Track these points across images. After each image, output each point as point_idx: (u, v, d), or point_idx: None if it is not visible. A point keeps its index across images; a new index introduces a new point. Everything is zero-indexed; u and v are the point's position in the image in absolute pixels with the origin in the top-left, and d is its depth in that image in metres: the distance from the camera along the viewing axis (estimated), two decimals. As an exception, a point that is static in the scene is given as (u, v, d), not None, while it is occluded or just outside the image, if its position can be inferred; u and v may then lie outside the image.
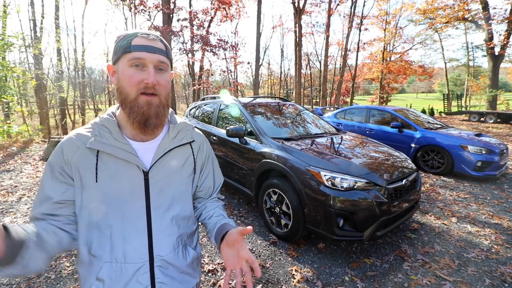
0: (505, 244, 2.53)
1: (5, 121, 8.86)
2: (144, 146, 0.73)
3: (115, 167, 0.69)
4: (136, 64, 0.64)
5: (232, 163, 3.21)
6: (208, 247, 2.46)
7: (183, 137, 0.80)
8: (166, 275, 0.74)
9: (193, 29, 13.05)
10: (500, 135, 9.48)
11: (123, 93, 0.66)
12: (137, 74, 0.64)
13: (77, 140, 0.69)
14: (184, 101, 39.57)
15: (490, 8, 15.01)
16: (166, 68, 0.70)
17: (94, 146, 0.67)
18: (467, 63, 25.15)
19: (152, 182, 0.72)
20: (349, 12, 19.13)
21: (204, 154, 0.88)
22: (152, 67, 0.66)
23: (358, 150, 2.78)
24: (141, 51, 0.64)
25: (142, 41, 0.65)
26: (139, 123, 0.67)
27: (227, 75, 24.44)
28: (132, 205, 0.70)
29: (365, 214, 2.09)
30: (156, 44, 0.67)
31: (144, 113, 0.66)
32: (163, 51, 0.68)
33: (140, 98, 0.66)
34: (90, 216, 0.69)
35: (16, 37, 8.58)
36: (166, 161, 0.75)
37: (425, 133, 4.96)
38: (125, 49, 0.65)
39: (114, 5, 17.07)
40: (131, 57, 0.64)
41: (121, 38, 0.66)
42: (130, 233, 0.70)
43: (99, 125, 0.71)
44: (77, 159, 0.68)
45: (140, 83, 0.65)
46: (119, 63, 0.66)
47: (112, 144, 0.68)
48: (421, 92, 76.52)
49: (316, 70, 32.69)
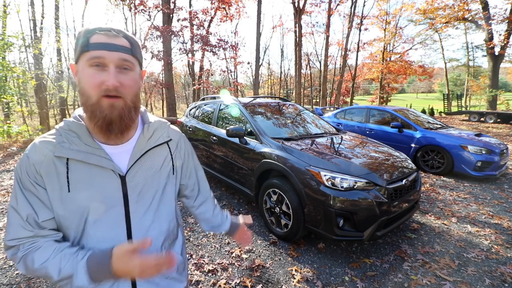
0: (505, 244, 2.53)
1: (5, 121, 8.86)
2: (118, 149, 0.68)
3: (88, 174, 0.64)
4: (96, 64, 0.58)
5: (232, 163, 3.21)
6: (208, 247, 2.46)
7: (159, 136, 0.76)
8: (150, 282, 0.71)
9: (193, 29, 13.07)
10: (500, 135, 9.48)
11: (84, 95, 0.60)
12: (97, 75, 0.58)
13: (43, 148, 0.63)
14: (184, 101, 39.57)
15: (490, 8, 15.02)
16: (132, 66, 0.63)
17: (63, 154, 0.61)
18: (467, 63, 25.15)
19: (130, 186, 0.68)
20: (349, 12, 19.14)
21: (183, 152, 0.84)
22: (113, 67, 0.59)
23: (358, 150, 2.78)
24: (100, 50, 0.58)
25: (102, 38, 0.59)
26: (101, 127, 0.62)
27: (227, 75, 24.47)
28: (111, 212, 0.66)
29: (365, 214, 2.09)
30: (118, 41, 0.61)
31: (106, 117, 0.60)
32: (126, 49, 0.62)
33: (102, 101, 0.59)
34: (65, 229, 0.65)
35: (16, 37, 8.59)
36: (143, 163, 0.71)
37: (425, 133, 4.96)
38: (83, 47, 0.59)
39: (114, 5, 17.06)
40: (89, 56, 0.58)
41: (80, 35, 0.60)
42: (109, 241, 0.65)
43: (65, 130, 0.65)
44: (46, 169, 0.62)
45: (101, 85, 0.58)
46: (79, 63, 0.60)
47: (82, 150, 0.63)
48: (421, 92, 76.51)
49: (316, 70, 32.70)
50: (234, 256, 2.33)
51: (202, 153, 3.86)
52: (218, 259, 2.28)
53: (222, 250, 2.42)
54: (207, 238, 2.61)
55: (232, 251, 2.40)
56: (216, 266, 2.18)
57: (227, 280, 2.00)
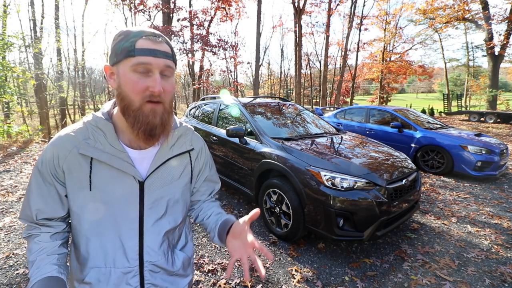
0: (505, 244, 2.53)
1: (5, 121, 8.86)
2: (141, 154, 0.69)
3: (109, 176, 0.65)
4: (142, 70, 0.59)
5: (232, 163, 3.21)
6: (208, 247, 2.46)
7: (182, 144, 0.76)
8: (156, 278, 0.73)
9: (193, 29, 13.05)
10: (500, 135, 9.48)
11: (126, 100, 0.61)
12: (142, 81, 0.59)
13: (68, 143, 0.64)
14: (184, 101, 39.55)
15: (490, 8, 15.02)
16: (172, 72, 0.64)
17: (88, 153, 0.62)
18: (467, 63, 25.16)
19: (147, 192, 0.69)
20: (349, 12, 19.13)
21: (202, 161, 0.84)
22: (158, 73, 0.60)
23: (358, 150, 2.78)
24: (147, 56, 0.58)
25: (148, 44, 0.59)
26: (144, 133, 0.62)
27: (227, 75, 24.46)
28: (126, 214, 0.68)
29: (365, 214, 2.09)
30: (163, 47, 0.61)
31: (149, 122, 0.61)
32: (169, 55, 0.62)
33: (145, 107, 0.60)
34: (80, 224, 0.67)
35: (16, 37, 8.58)
36: (163, 171, 0.71)
37: (425, 133, 4.96)
38: (129, 52, 0.58)
39: (114, 5, 17.04)
40: (135, 61, 0.58)
41: (122, 38, 0.59)
42: (122, 240, 0.68)
43: (92, 125, 0.65)
44: (69, 165, 0.63)
45: (145, 91, 0.59)
46: (120, 66, 0.60)
47: (107, 151, 0.64)
48: (421, 92, 76.52)
49: (316, 70, 32.68)
50: (234, 256, 2.33)
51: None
52: (218, 259, 2.28)
53: (222, 250, 2.42)
54: (207, 238, 2.61)
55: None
56: (216, 266, 2.18)
57: (227, 280, 2.00)
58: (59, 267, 0.65)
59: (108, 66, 0.63)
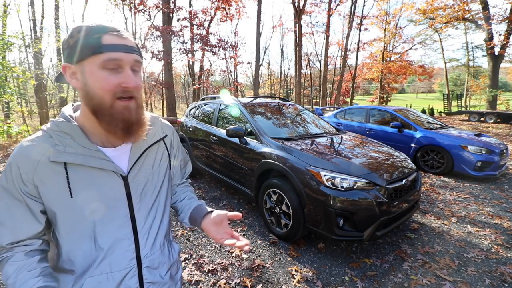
0: (505, 244, 2.53)
1: (5, 121, 8.86)
2: (117, 151, 0.67)
3: (89, 177, 0.62)
4: (111, 66, 0.56)
5: (232, 163, 3.21)
6: (208, 247, 2.46)
7: (154, 132, 0.76)
8: (154, 274, 0.73)
9: (193, 29, 13.05)
10: (500, 135, 9.48)
11: (95, 99, 0.57)
12: (113, 78, 0.57)
13: (34, 153, 0.58)
14: (184, 101, 39.57)
15: (490, 8, 15.02)
16: (140, 67, 0.63)
17: (61, 159, 0.58)
18: (467, 63, 25.15)
19: (132, 186, 0.68)
20: (349, 12, 19.13)
21: (176, 146, 0.86)
22: (129, 68, 0.59)
23: (358, 150, 2.78)
24: (116, 52, 0.56)
25: (115, 39, 0.57)
26: (122, 130, 0.60)
27: (227, 75, 24.47)
28: (115, 213, 0.66)
29: (365, 214, 2.09)
30: (130, 42, 0.59)
31: (125, 119, 0.59)
32: (136, 50, 0.61)
33: (116, 104, 0.58)
34: (68, 234, 0.63)
35: (16, 37, 8.59)
36: (143, 162, 0.71)
37: (425, 133, 4.96)
38: (95, 48, 0.55)
39: (114, 5, 17.06)
40: (105, 58, 0.55)
41: (83, 34, 0.56)
42: (116, 242, 0.66)
43: (55, 131, 0.61)
44: (40, 176, 0.58)
45: (117, 87, 0.57)
46: (86, 64, 0.56)
47: (80, 153, 0.60)
48: (421, 92, 76.51)
49: (316, 70, 32.69)
50: (234, 256, 2.33)
51: (202, 153, 3.86)
52: (218, 259, 2.28)
53: (222, 250, 2.42)
54: (207, 238, 2.61)
55: (232, 251, 2.40)
56: (216, 266, 2.18)
57: (227, 280, 2.00)
58: (45, 277, 0.60)
59: (67, 65, 0.59)
